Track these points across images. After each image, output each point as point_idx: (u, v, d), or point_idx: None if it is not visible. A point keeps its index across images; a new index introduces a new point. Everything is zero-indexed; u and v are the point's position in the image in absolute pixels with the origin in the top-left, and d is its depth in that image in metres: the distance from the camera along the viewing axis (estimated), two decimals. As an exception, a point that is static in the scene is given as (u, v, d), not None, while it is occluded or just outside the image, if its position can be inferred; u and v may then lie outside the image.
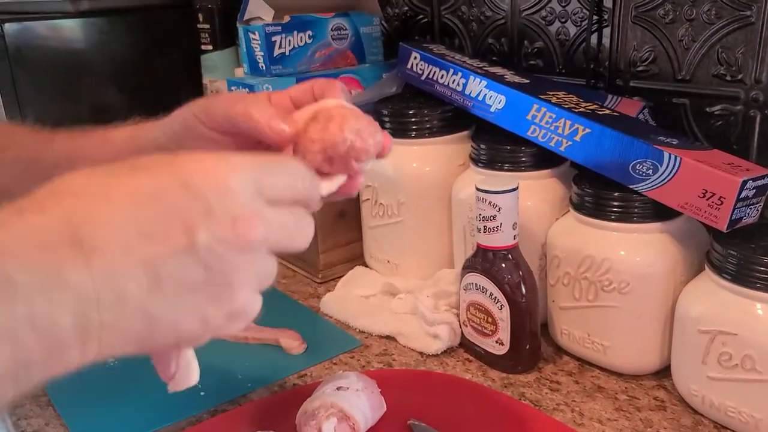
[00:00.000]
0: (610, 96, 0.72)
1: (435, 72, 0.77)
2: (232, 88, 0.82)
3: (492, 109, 0.71)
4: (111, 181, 0.30)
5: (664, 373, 0.61)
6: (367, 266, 0.85)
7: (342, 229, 0.85)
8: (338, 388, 0.53)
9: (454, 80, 0.75)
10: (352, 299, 0.78)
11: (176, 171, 0.31)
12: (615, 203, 0.59)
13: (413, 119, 0.77)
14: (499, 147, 0.69)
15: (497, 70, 0.75)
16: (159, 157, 0.32)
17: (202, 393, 0.61)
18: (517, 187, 0.61)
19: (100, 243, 0.28)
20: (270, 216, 0.32)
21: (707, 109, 0.67)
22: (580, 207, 0.62)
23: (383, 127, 0.77)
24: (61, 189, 0.30)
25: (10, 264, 0.26)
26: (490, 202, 0.60)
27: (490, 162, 0.69)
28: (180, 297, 0.30)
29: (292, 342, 0.68)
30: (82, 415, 0.59)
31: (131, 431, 0.57)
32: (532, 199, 0.66)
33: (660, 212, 0.58)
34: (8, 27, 0.89)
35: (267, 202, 0.32)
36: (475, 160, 0.71)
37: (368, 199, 0.81)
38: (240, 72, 0.90)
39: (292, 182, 0.34)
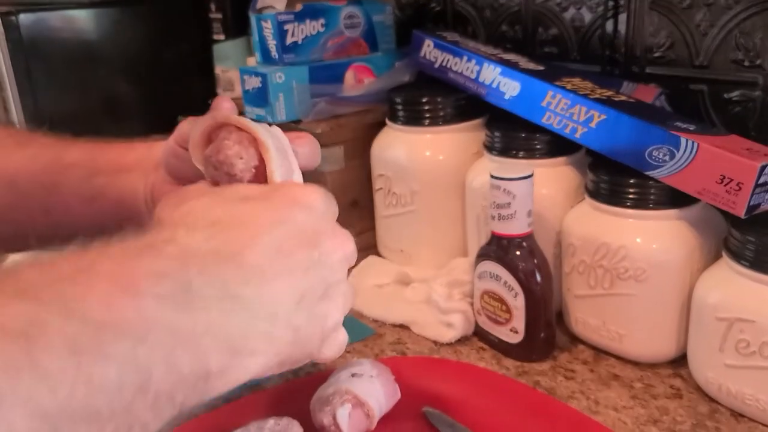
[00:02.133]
0: (625, 82, 0.71)
1: (448, 59, 0.77)
2: (245, 77, 0.82)
3: (506, 97, 0.70)
4: (238, 209, 0.33)
5: (680, 361, 0.61)
6: (380, 256, 0.85)
7: (355, 218, 0.85)
8: (353, 375, 0.53)
9: (468, 67, 0.74)
10: (365, 289, 0.78)
11: (285, 195, 0.35)
12: (631, 190, 0.59)
13: (426, 107, 0.76)
14: (514, 134, 0.68)
15: (511, 57, 0.75)
16: (254, 188, 0.36)
17: (216, 380, 0.61)
18: (532, 175, 0.60)
19: (255, 262, 0.31)
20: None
21: (725, 96, 0.66)
22: (595, 194, 0.61)
23: (397, 115, 0.77)
24: (200, 217, 0.33)
25: (190, 273, 0.29)
26: (504, 190, 0.60)
27: (505, 150, 0.69)
28: (311, 309, 0.34)
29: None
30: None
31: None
32: (546, 187, 0.66)
33: (676, 199, 0.58)
34: (23, 18, 0.89)
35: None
36: (489, 148, 0.71)
37: (381, 188, 0.81)
38: (252, 61, 0.90)
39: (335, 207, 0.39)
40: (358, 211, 0.85)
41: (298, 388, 0.58)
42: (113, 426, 0.25)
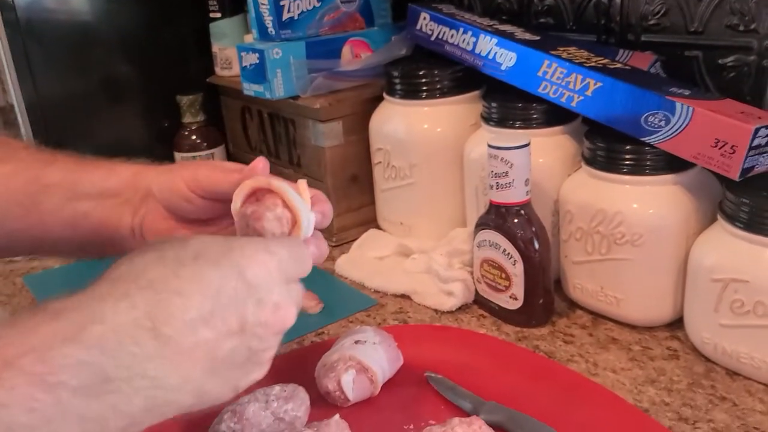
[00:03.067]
0: (621, 51, 0.72)
1: (445, 32, 0.77)
2: (242, 53, 0.82)
3: (503, 67, 0.70)
4: (181, 274, 0.34)
5: (676, 324, 0.62)
6: (380, 229, 0.86)
7: (354, 193, 0.86)
8: (356, 342, 0.54)
9: (464, 39, 0.74)
10: (366, 261, 0.79)
11: (233, 262, 0.35)
12: (627, 156, 0.59)
13: (423, 80, 0.77)
14: (511, 105, 0.69)
15: (507, 28, 0.75)
16: (214, 244, 0.36)
17: (222, 351, 0.62)
18: (529, 143, 0.61)
19: (173, 333, 0.32)
20: (296, 295, 0.39)
21: (720, 61, 0.66)
22: (592, 161, 0.62)
23: (394, 89, 0.78)
24: (138, 278, 0.33)
25: (107, 360, 0.30)
26: (502, 159, 0.61)
27: (502, 120, 0.69)
28: (227, 374, 0.35)
29: (308, 302, 0.69)
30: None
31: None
32: (543, 156, 0.66)
33: (672, 164, 0.58)
34: (18, -1, 0.89)
35: (290, 281, 0.38)
36: (487, 119, 0.71)
37: (380, 162, 0.81)
38: (249, 38, 0.90)
39: (303, 265, 0.40)
40: (358, 186, 0.86)
41: (303, 356, 0.59)
42: None
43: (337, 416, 0.47)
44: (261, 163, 0.46)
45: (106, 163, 0.50)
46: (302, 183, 0.44)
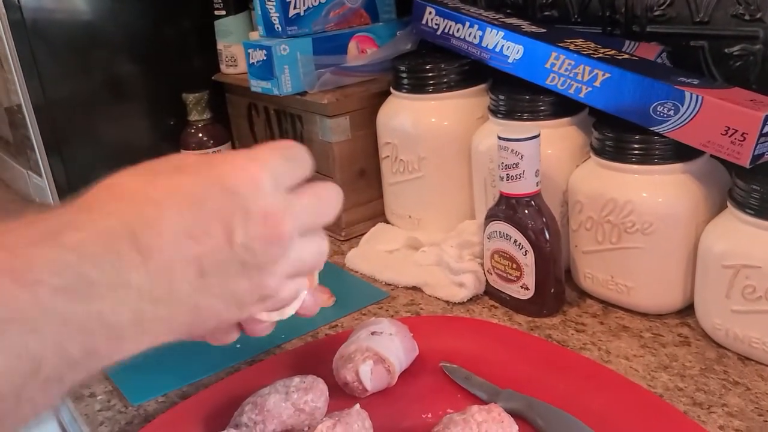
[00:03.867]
0: (627, 42, 0.72)
1: (451, 26, 0.77)
2: (249, 50, 0.83)
3: (510, 60, 0.71)
4: (158, 183, 0.32)
5: (686, 311, 0.62)
6: (388, 223, 0.86)
7: (363, 187, 0.87)
8: (372, 333, 0.55)
9: (470, 33, 0.75)
10: (376, 254, 0.79)
11: (214, 172, 0.33)
12: (636, 146, 0.60)
13: (430, 74, 0.77)
14: (518, 97, 0.69)
15: (513, 21, 0.76)
16: (197, 157, 0.35)
17: (238, 346, 0.63)
18: (539, 135, 0.61)
19: (154, 244, 0.31)
20: (294, 204, 0.35)
21: (726, 51, 0.67)
22: (601, 151, 0.63)
23: (401, 84, 0.78)
24: (113, 190, 0.32)
25: (89, 266, 0.29)
26: (512, 150, 0.61)
27: (510, 112, 0.70)
28: (221, 288, 0.33)
29: (321, 295, 0.69)
30: (126, 370, 0.60)
31: (174, 382, 0.59)
32: (552, 148, 0.67)
33: (681, 153, 0.59)
34: (24, -1, 0.89)
35: (288, 189, 0.35)
36: (494, 112, 0.72)
37: (388, 156, 0.82)
38: (255, 35, 0.91)
39: (304, 164, 0.37)
40: (366, 180, 0.86)
41: (320, 349, 0.59)
42: (2, 405, 0.27)
43: (357, 406, 0.47)
44: None
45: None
46: None
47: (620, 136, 0.61)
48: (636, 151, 0.60)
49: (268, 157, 0.35)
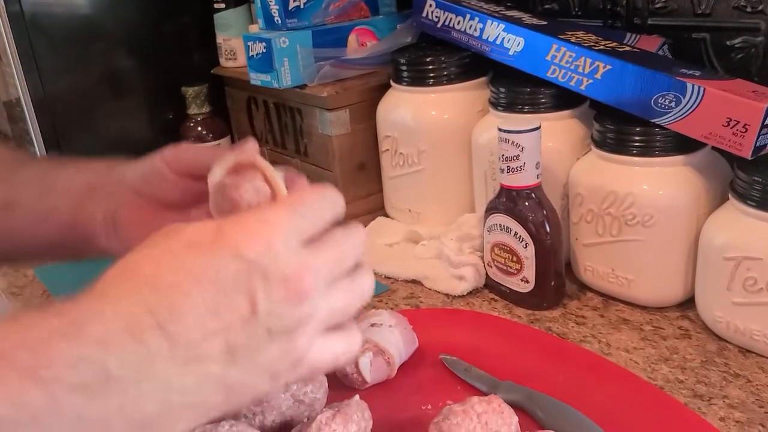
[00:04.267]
0: (628, 34, 0.72)
1: (451, 18, 0.77)
2: (249, 43, 0.82)
3: (510, 53, 0.71)
4: (176, 266, 0.31)
5: (687, 304, 0.62)
6: (388, 216, 0.86)
7: (362, 181, 0.86)
8: (372, 325, 0.55)
9: (471, 25, 0.75)
10: (375, 248, 0.79)
11: (227, 243, 0.32)
12: (637, 138, 0.60)
13: (430, 67, 0.77)
14: (519, 89, 0.69)
15: (514, 13, 0.75)
16: (205, 228, 0.33)
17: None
18: (540, 127, 0.61)
19: (180, 329, 0.30)
20: (315, 257, 0.33)
21: (727, 43, 0.67)
22: (602, 144, 0.62)
23: (401, 76, 0.78)
24: (133, 275, 0.31)
25: (110, 358, 0.28)
26: (513, 142, 0.61)
27: (510, 105, 0.70)
28: (251, 362, 0.32)
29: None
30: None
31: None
32: (552, 140, 0.66)
33: (682, 145, 0.59)
34: (23, -8, 0.89)
35: (305, 242, 0.33)
36: (495, 104, 0.72)
37: (388, 149, 0.82)
38: (254, 28, 0.91)
39: (321, 213, 0.35)
40: (365, 174, 0.86)
41: (318, 341, 0.59)
42: None
43: (357, 397, 0.47)
44: (250, 142, 0.42)
45: (84, 161, 0.48)
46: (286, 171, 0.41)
47: (621, 129, 0.61)
48: (637, 144, 0.60)
49: (281, 216, 0.33)
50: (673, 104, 0.57)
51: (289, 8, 0.82)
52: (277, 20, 0.82)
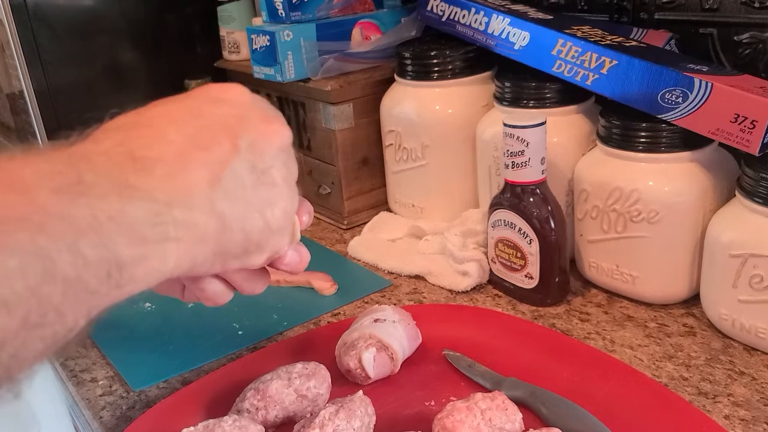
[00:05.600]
0: (635, 29, 0.71)
1: (456, 12, 0.76)
2: (252, 36, 0.82)
3: (516, 47, 0.70)
4: (147, 113, 0.33)
5: (692, 301, 0.62)
6: (391, 211, 0.86)
7: (365, 175, 0.86)
8: (375, 320, 0.54)
9: (476, 19, 0.74)
10: (379, 243, 0.79)
11: (201, 93, 0.35)
12: (643, 134, 0.59)
13: (435, 61, 0.76)
14: (524, 84, 0.69)
15: (519, 7, 0.75)
16: (178, 95, 0.35)
17: (240, 332, 0.63)
18: (545, 122, 0.61)
19: (157, 154, 0.31)
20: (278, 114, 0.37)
21: (735, 38, 0.66)
22: (607, 140, 0.62)
23: (405, 71, 0.78)
24: (106, 128, 0.32)
25: (84, 171, 0.28)
26: (518, 137, 0.60)
27: (515, 100, 0.69)
28: (239, 194, 0.33)
29: (323, 283, 0.69)
30: (127, 355, 0.61)
31: (176, 368, 0.59)
32: (557, 135, 0.66)
33: (688, 141, 0.58)
34: (25, -16, 0.89)
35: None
36: (500, 99, 0.71)
37: (392, 144, 0.81)
38: (258, 21, 0.90)
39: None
40: (369, 168, 0.86)
41: (321, 336, 0.59)
42: (23, 311, 0.25)
43: (360, 392, 0.47)
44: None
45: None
46: None
47: (627, 124, 0.60)
48: (643, 139, 0.59)
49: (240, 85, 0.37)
50: (680, 100, 0.57)
51: (293, 1, 0.81)
52: (281, 13, 0.81)
